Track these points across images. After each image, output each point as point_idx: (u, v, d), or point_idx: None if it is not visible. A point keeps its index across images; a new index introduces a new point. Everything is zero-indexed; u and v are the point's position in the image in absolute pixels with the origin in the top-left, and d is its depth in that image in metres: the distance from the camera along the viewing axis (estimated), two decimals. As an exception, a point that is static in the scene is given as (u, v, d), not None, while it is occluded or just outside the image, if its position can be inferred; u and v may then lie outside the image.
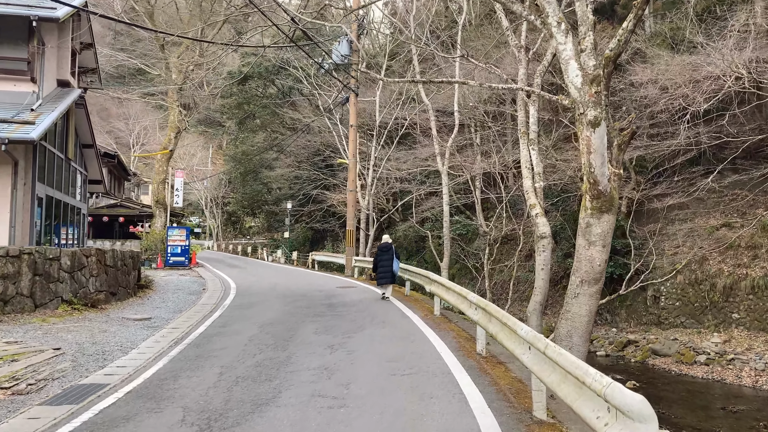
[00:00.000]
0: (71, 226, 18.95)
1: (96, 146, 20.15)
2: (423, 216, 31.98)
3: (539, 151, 13.28)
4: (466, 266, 28.59)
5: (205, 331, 11.40)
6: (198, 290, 19.77)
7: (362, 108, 30.06)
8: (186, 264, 30.31)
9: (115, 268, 15.35)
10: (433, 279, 12.26)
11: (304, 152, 38.95)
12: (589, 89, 10.03)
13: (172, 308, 14.95)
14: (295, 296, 16.82)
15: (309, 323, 11.79)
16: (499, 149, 24.78)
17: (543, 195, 12.82)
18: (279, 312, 13.58)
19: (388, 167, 28.26)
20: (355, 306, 14.32)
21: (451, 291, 10.46)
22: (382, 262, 15.67)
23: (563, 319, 11.06)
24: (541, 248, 12.10)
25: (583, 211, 10.89)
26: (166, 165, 32.48)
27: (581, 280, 10.83)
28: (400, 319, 11.88)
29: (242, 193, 50.32)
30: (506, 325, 6.48)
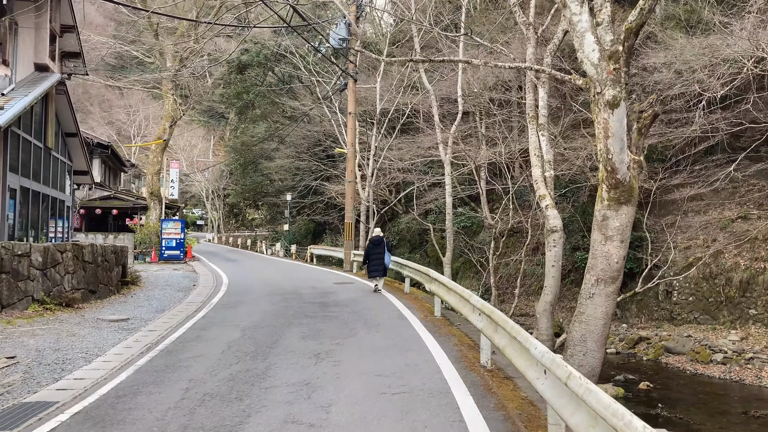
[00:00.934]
0: (54, 220, 17.96)
1: (80, 135, 19.13)
2: (426, 208, 30.88)
3: (549, 138, 12.20)
4: (470, 261, 27.55)
5: (183, 334, 10.40)
6: (188, 286, 18.81)
7: (363, 97, 28.98)
8: (181, 258, 29.35)
9: (94, 264, 14.36)
10: (433, 277, 11.23)
11: (304, 143, 37.89)
12: (606, 66, 8.94)
13: (155, 307, 13.97)
14: (287, 294, 15.81)
15: (297, 326, 10.77)
16: (505, 138, 23.65)
17: (553, 185, 11.76)
18: (267, 312, 12.58)
19: (390, 157, 27.18)
20: (349, 305, 13.29)
21: (452, 292, 9.42)
22: (373, 255, 15.87)
23: (577, 321, 10.01)
24: (552, 243, 11.03)
25: (599, 203, 9.82)
26: (161, 155, 31.48)
27: (597, 278, 9.78)
28: (397, 322, 10.85)
29: (242, 185, 49.31)
30: (516, 339, 5.43)
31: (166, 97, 31.74)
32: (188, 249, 30.45)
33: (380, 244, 15.93)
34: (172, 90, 31.45)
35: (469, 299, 7.96)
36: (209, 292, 17.10)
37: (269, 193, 46.38)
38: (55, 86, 16.89)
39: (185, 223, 30.89)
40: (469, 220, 29.72)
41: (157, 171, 31.31)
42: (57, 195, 17.86)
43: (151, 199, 31.05)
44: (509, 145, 24.48)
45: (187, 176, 63.29)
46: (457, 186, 30.51)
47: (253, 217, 68.21)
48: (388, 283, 18.13)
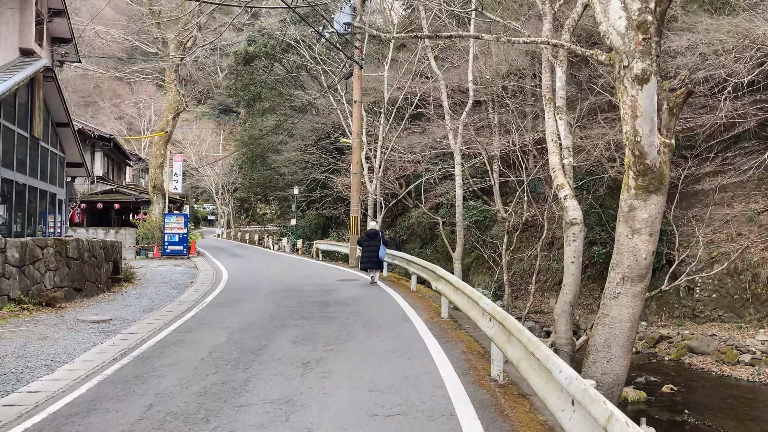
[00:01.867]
0: (45, 214, 17.15)
1: (72, 125, 18.27)
2: (437, 201, 29.84)
3: (567, 123, 11.12)
4: (482, 256, 26.53)
5: (165, 337, 9.47)
6: (185, 283, 17.93)
7: (372, 87, 27.96)
8: (184, 253, 28.50)
9: (80, 260, 13.47)
10: (440, 275, 10.20)
11: (312, 135, 36.97)
12: (635, 35, 7.86)
13: (144, 306, 13.07)
14: (286, 291, 14.86)
15: (290, 328, 9.80)
16: (518, 128, 22.53)
17: (572, 174, 10.69)
18: (262, 312, 11.63)
19: (400, 149, 26.15)
20: (350, 305, 12.31)
21: (460, 292, 8.40)
22: (367, 247, 16.12)
23: (600, 324, 8.95)
24: (571, 237, 9.98)
25: (624, 192, 8.75)
26: (164, 148, 30.63)
27: (623, 276, 8.71)
28: (400, 324, 9.84)
29: (250, 179, 48.45)
30: (533, 355, 4.42)
31: (168, 87, 30.85)
32: (192, 244, 29.59)
33: (375, 237, 16.14)
34: (175, 80, 30.54)
35: (478, 301, 6.94)
36: (206, 289, 16.20)
37: (278, 187, 45.49)
38: (43, 73, 16.04)
39: (188, 218, 30.03)
40: (481, 214, 28.63)
41: (161, 164, 30.45)
42: (47, 188, 17.02)
43: (154, 193, 30.19)
44: (523, 135, 23.39)
45: (197, 170, 62.57)
46: (469, 178, 29.41)
47: (264, 212, 67.41)
48: (394, 280, 17.15)
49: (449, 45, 26.70)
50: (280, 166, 40.41)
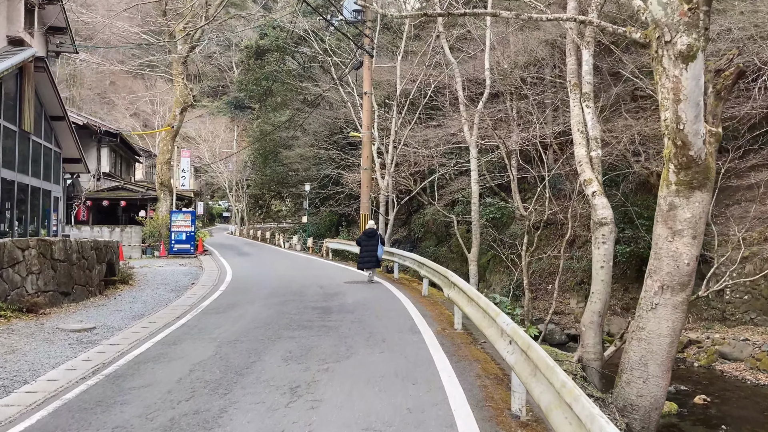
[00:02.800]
0: (38, 212, 16.31)
1: (68, 118, 17.39)
2: (452, 198, 28.70)
3: (595, 111, 9.97)
4: (498, 256, 25.42)
5: (146, 351, 8.51)
6: (186, 285, 17.03)
7: (385, 80, 26.91)
8: (192, 252, 27.66)
9: (67, 262, 12.56)
10: (452, 281, 9.12)
11: (324, 130, 35.96)
12: (680, 4, 6.72)
13: (135, 312, 12.15)
14: (289, 295, 13.86)
15: (285, 340, 8.79)
16: (538, 120, 21.31)
17: (601, 167, 9.55)
18: (257, 320, 10.63)
19: (414, 144, 25.04)
20: (355, 311, 11.26)
21: (474, 303, 7.32)
22: (365, 246, 16.37)
23: (635, 339, 7.84)
24: (601, 239, 8.85)
25: (664, 187, 7.62)
26: (171, 143, 29.78)
27: (662, 285, 7.60)
28: (407, 336, 8.78)
29: (262, 175, 47.58)
30: (571, 408, 3.34)
31: (176, 81, 29.99)
32: (199, 242, 28.74)
33: (373, 236, 16.41)
34: (182, 74, 29.68)
35: (496, 318, 5.86)
36: (205, 292, 15.27)
37: (291, 184, 44.59)
38: (34, 63, 15.15)
39: (195, 215, 29.18)
40: (498, 211, 27.46)
41: (168, 160, 29.61)
42: (40, 184, 16.16)
43: (161, 190, 29.36)
44: (542, 128, 22.18)
45: (208, 165, 61.87)
46: (486, 174, 28.22)
47: (279, 209, 66.61)
48: (405, 283, 16.10)
49: (464, 35, 25.51)
50: (292, 162, 39.48)
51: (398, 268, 17.01)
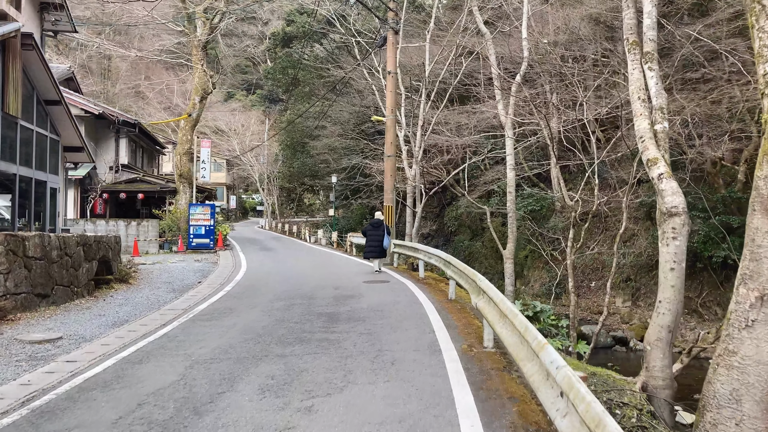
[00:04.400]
0: (28, 205, 14.94)
1: (65, 103, 15.96)
2: (488, 189, 26.74)
3: (659, 75, 7.98)
4: (537, 251, 23.44)
5: (101, 372, 6.94)
6: (192, 283, 15.52)
7: (416, 65, 25.04)
8: (211, 247, 26.26)
9: (45, 260, 11.08)
10: (481, 287, 7.25)
11: (352, 119, 34.27)
12: None
13: (120, 317, 10.62)
14: (297, 297, 12.16)
15: (272, 360, 7.08)
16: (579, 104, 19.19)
17: (668, 144, 7.56)
18: (250, 329, 8.95)
19: (446, 132, 23.13)
20: (366, 320, 9.48)
21: (507, 322, 5.45)
22: (371, 237, 16.72)
23: (723, 366, 5.90)
24: (670, 233, 6.92)
25: (764, 165, 5.67)
26: (191, 133, 28.38)
27: (761, 295, 5.65)
28: (424, 358, 6.96)
29: (290, 167, 46.16)
30: None
31: (195, 68, 28.58)
32: (219, 237, 27.33)
33: (379, 227, 16.68)
34: (202, 60, 28.24)
35: (539, 353, 3.98)
36: (209, 292, 13.72)
37: (319, 176, 43.05)
38: (21, 40, 13.72)
39: (215, 208, 27.76)
40: (537, 203, 25.41)
41: (187, 151, 28.22)
42: (31, 174, 14.76)
43: (181, 182, 27.99)
44: (585, 112, 20.05)
45: (237, 157, 60.79)
46: (523, 163, 26.17)
47: (311, 202, 65.25)
48: (431, 283, 14.26)
49: (497, 13, 23.50)
50: (320, 153, 37.91)
51: (423, 265, 15.18)
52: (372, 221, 17.38)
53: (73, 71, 32.46)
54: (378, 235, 16.47)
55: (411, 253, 16.17)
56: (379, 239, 16.45)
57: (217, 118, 67.75)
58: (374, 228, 16.68)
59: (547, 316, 8.11)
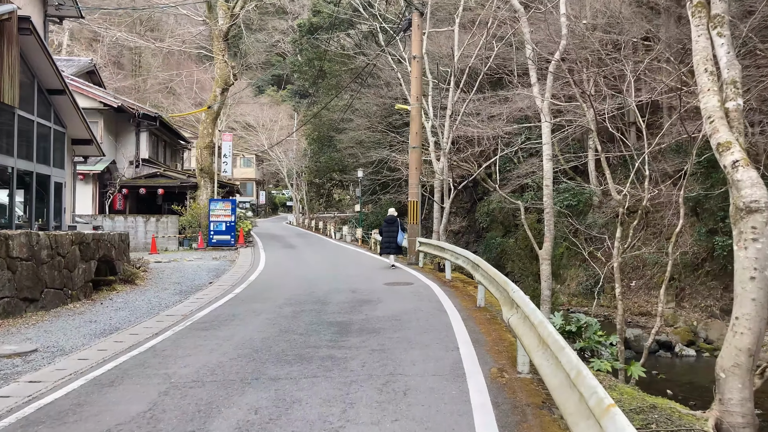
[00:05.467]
0: (29, 201, 14.07)
1: (70, 92, 15.04)
2: (521, 183, 25.30)
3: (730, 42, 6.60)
4: (573, 249, 21.99)
5: (61, 398, 5.89)
6: (202, 284, 14.54)
7: (446, 52, 23.64)
8: (232, 243, 25.34)
9: (33, 260, 10.10)
10: (515, 300, 5.91)
11: (379, 111, 33.02)
12: None
13: (111, 325, 9.61)
14: (309, 302, 11.00)
15: (261, 386, 5.92)
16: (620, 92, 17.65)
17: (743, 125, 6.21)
18: (247, 342, 7.82)
19: (477, 123, 21.74)
20: (381, 331, 8.26)
21: (548, 352, 4.15)
22: (386, 233, 17.04)
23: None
24: (750, 233, 5.58)
25: None
26: (212, 126, 27.48)
27: None
28: (444, 386, 5.70)
29: (317, 162, 45.13)
30: None
31: (216, 58, 27.67)
32: (240, 234, 26.39)
33: (393, 223, 16.96)
34: (223, 51, 27.31)
35: (601, 419, 2.68)
36: (217, 294, 12.66)
37: (347, 170, 41.94)
38: (18, 24, 12.80)
39: (236, 204, 26.84)
40: (574, 198, 23.91)
41: (208, 144, 27.33)
42: (31, 168, 13.87)
43: (201, 177, 27.14)
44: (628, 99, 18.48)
45: (264, 152, 60.06)
46: (559, 155, 24.67)
47: (341, 198, 64.28)
48: (457, 287, 12.97)
49: None
50: (347, 147, 36.78)
51: (450, 266, 13.89)
52: (386, 218, 17.63)
53: (95, 64, 31.88)
54: (392, 232, 16.81)
55: (437, 252, 14.92)
56: (393, 235, 16.79)
57: (246, 113, 67.30)
58: (389, 224, 17.02)
59: (594, 331, 6.80)
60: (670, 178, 20.55)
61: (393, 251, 17.00)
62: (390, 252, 17.04)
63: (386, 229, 16.99)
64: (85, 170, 25.10)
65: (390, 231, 16.82)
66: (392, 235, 16.77)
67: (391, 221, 17.02)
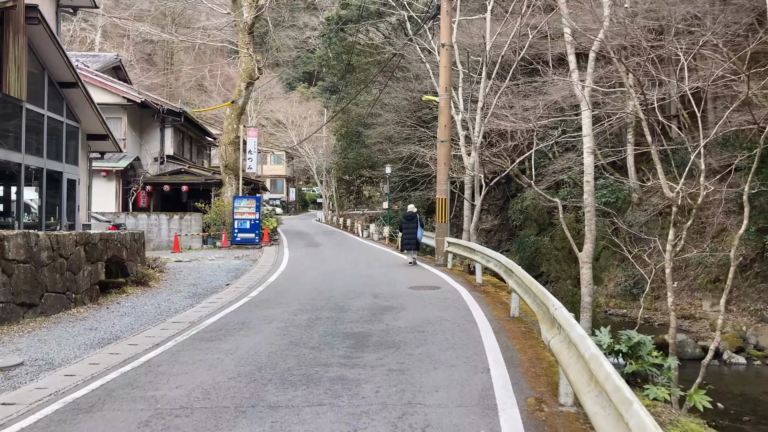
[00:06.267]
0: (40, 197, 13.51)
1: (83, 85, 14.43)
2: (556, 179, 24.12)
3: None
4: (610, 248, 20.85)
5: (28, 428, 5.06)
6: (219, 286, 13.87)
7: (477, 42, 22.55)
8: (256, 242, 24.69)
9: (32, 263, 9.44)
10: (557, 320, 4.88)
11: (408, 105, 32.06)
12: None
13: (113, 333, 8.93)
14: (325, 309, 10.15)
15: (258, 415, 5.06)
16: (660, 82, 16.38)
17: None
18: (251, 358, 6.99)
19: (510, 117, 20.64)
20: (401, 346, 7.34)
21: (602, 393, 3.18)
22: (406, 230, 17.07)
23: None
24: None
25: None
26: (237, 122, 26.85)
27: None
28: (469, 425, 4.77)
29: (344, 158, 44.38)
30: None
31: (241, 52, 27.03)
32: (265, 232, 25.73)
33: (413, 219, 16.97)
34: (248, 44, 26.65)
35: None
36: (232, 298, 11.92)
37: (376, 166, 41.07)
38: (24, 13, 12.20)
39: (260, 201, 26.18)
40: (613, 195, 22.70)
41: (233, 140, 26.70)
42: (41, 164, 13.28)
43: (226, 174, 26.53)
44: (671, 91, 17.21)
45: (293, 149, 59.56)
46: (596, 150, 23.42)
47: (371, 194, 63.50)
48: (488, 292, 11.97)
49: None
50: (375, 143, 35.91)
51: (481, 269, 12.91)
52: (405, 214, 17.83)
53: (120, 60, 31.55)
54: (411, 228, 16.84)
55: (467, 254, 13.94)
56: (413, 232, 16.81)
57: (276, 110, 66.95)
58: (408, 220, 17.09)
59: (647, 351, 5.80)
60: (716, 173, 19.32)
61: (413, 247, 17.10)
62: (411, 248, 17.12)
63: (406, 225, 17.04)
64: (108, 167, 24.70)
65: (410, 227, 16.85)
66: (412, 232, 16.77)
67: (410, 217, 17.08)
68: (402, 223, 17.67)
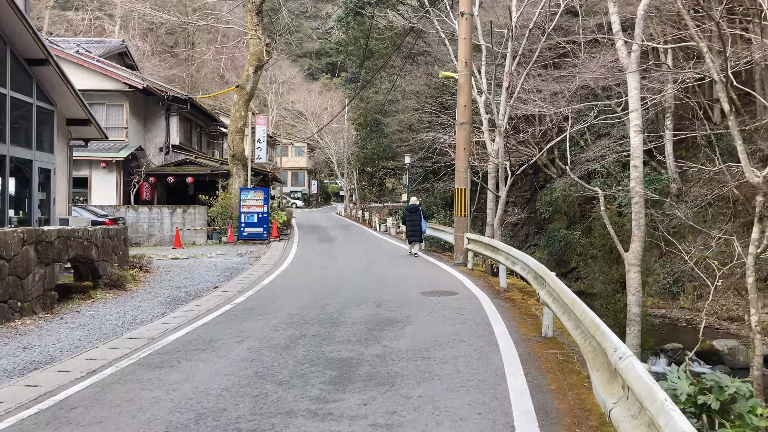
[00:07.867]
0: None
1: (54, 62, 12.79)
2: (588, 169, 22.05)
3: None
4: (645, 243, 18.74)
5: None
6: (207, 289, 12.25)
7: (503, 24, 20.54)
8: (264, 237, 23.03)
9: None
10: (621, 374, 3.11)
11: (428, 90, 30.13)
12: None
13: (48, 353, 7.27)
14: (315, 322, 8.34)
15: None
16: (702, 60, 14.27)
17: None
18: (197, 398, 5.23)
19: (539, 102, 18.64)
20: (396, 383, 5.50)
21: None
22: (410, 222, 17.27)
23: None
24: None
25: None
26: (245, 109, 25.16)
27: None
28: None
29: (363, 148, 42.58)
30: None
31: (249, 34, 25.33)
32: (273, 226, 24.05)
33: (416, 212, 17.15)
34: (257, 26, 24.94)
35: None
36: (212, 305, 10.23)
37: (396, 157, 39.18)
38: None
39: (268, 193, 24.50)
40: (650, 185, 20.60)
41: (240, 128, 25.03)
42: (3, 150, 11.68)
43: (234, 164, 24.88)
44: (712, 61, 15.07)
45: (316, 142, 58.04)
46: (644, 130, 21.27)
47: (393, 187, 61.70)
48: (514, 300, 10.01)
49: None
50: (395, 132, 34.00)
51: (505, 271, 11.00)
52: (408, 206, 18.22)
53: (126, 46, 30.16)
54: (415, 220, 17.06)
55: (489, 253, 12.06)
56: (417, 224, 17.03)
57: (297, 101, 65.43)
58: (411, 213, 17.32)
59: (749, 409, 3.91)
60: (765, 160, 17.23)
61: (417, 239, 17.41)
62: (415, 240, 17.43)
63: (409, 218, 17.30)
64: (108, 157, 23.23)
65: (413, 219, 17.08)
66: (416, 224, 17.00)
67: (413, 210, 17.34)
68: (405, 216, 17.99)
